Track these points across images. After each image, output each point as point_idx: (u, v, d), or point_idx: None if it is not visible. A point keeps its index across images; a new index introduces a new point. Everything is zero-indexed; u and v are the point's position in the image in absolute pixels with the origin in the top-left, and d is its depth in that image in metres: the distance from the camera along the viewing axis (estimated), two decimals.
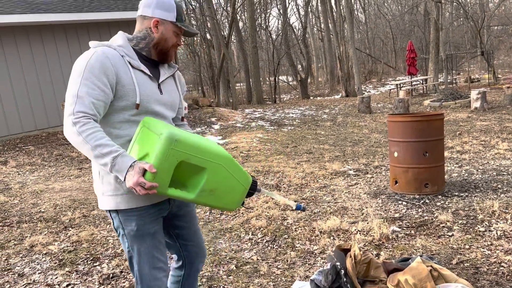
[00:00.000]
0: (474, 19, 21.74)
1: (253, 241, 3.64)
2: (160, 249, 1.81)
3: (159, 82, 1.80)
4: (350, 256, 2.53)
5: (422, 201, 4.32)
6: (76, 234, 4.05)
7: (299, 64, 35.72)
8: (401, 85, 18.35)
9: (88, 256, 3.53)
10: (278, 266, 3.14)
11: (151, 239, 1.77)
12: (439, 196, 4.43)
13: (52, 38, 10.42)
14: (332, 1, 23.75)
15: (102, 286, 3.01)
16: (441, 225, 3.65)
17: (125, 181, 1.52)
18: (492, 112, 10.78)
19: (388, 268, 2.57)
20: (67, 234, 4.10)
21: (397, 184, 4.65)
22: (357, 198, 4.62)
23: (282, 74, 35.31)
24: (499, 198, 4.20)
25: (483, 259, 2.98)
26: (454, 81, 19.57)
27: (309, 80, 31.62)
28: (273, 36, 30.15)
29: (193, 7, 26.61)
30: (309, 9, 32.46)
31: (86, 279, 3.14)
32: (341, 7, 23.56)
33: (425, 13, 26.02)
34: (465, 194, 4.44)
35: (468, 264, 2.94)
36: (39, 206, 5.09)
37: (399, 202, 4.35)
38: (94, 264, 3.37)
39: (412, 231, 3.58)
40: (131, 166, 1.50)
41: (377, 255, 3.17)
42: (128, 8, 11.13)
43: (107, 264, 3.35)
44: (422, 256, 2.63)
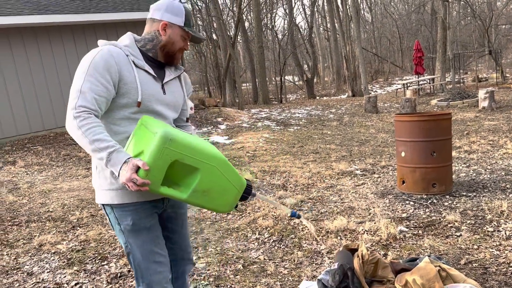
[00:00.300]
0: (482, 18, 21.58)
1: (260, 241, 3.65)
2: (159, 243, 1.82)
3: (163, 83, 1.83)
4: (358, 256, 2.53)
5: (430, 201, 4.30)
6: (84, 234, 4.07)
7: (305, 64, 35.67)
8: (408, 85, 18.26)
9: (96, 255, 3.55)
10: (285, 266, 3.14)
11: (148, 233, 1.78)
12: (447, 196, 4.40)
13: (60, 39, 10.49)
14: (338, 1, 23.69)
15: (110, 285, 3.03)
16: (449, 225, 3.63)
17: (119, 177, 1.55)
18: (500, 112, 10.69)
19: (396, 268, 2.56)
20: (75, 234, 4.12)
21: (404, 184, 4.63)
22: (364, 198, 4.61)
23: (288, 74, 35.28)
24: (508, 198, 4.17)
25: (492, 260, 2.96)
26: (462, 81, 19.45)
27: (315, 80, 31.56)
28: (279, 36, 30.15)
29: (199, 8, 26.68)
30: (315, 9, 32.42)
31: (94, 278, 3.16)
32: (348, 7, 23.50)
33: (432, 12, 25.87)
34: (473, 194, 4.41)
35: (477, 265, 2.92)
36: (47, 206, 5.13)
37: (407, 202, 4.34)
38: (102, 263, 3.40)
39: (420, 231, 3.57)
40: (125, 162, 1.54)
41: (385, 255, 3.16)
42: (135, 9, 11.18)
43: (115, 263, 3.37)
44: (430, 256, 2.62)
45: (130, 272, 3.18)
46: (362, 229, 3.67)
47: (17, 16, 9.47)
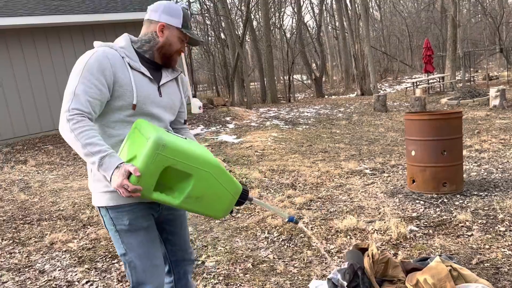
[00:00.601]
0: (493, 16, 21.34)
1: (269, 240, 3.65)
2: (156, 245, 1.79)
3: (159, 85, 1.80)
4: (368, 255, 2.52)
5: (440, 201, 4.26)
6: (95, 232, 4.11)
7: (314, 63, 35.56)
8: (418, 83, 18.13)
9: (107, 254, 3.58)
10: (295, 265, 3.14)
11: (145, 234, 1.75)
12: (458, 196, 4.36)
13: (70, 40, 10.58)
14: None
15: (121, 283, 3.05)
16: (460, 225, 3.60)
17: (111, 182, 1.53)
18: None
19: (407, 268, 2.54)
20: (86, 232, 4.16)
21: (415, 183, 4.60)
22: (374, 197, 4.59)
23: (297, 73, 35.23)
24: None
25: (504, 259, 2.93)
26: (472, 79, 19.25)
27: (324, 79, 31.45)
28: (288, 35, 30.07)
29: (208, 7, 26.74)
30: (324, 7, 32.30)
31: (105, 276, 3.18)
32: (356, 5, 23.39)
33: (442, 10, 25.62)
34: (485, 194, 4.36)
35: (489, 264, 2.89)
36: (58, 205, 5.18)
37: (417, 202, 4.30)
38: (113, 262, 3.42)
39: (430, 231, 3.54)
40: (117, 167, 1.51)
41: (395, 255, 3.14)
42: (144, 9, 11.14)
43: None
44: (441, 256, 2.60)
45: None
46: (372, 229, 3.65)
47: (28, 17, 9.56)
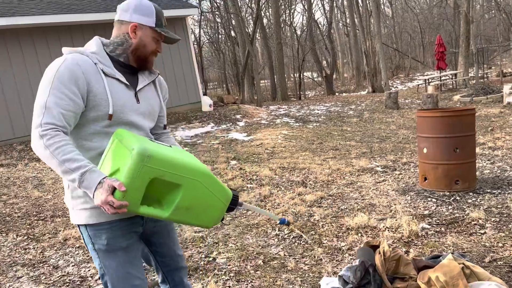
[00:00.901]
0: (507, 11, 21.00)
1: (280, 237, 3.65)
2: (136, 265, 1.69)
3: (136, 90, 1.70)
4: (379, 253, 2.51)
5: (453, 198, 4.22)
6: None
7: (324, 60, 35.38)
8: (430, 80, 17.93)
9: None
10: (306, 262, 3.14)
11: (124, 254, 1.65)
12: (470, 193, 4.32)
13: (82, 38, 10.69)
14: None
15: None
16: (473, 223, 3.56)
17: (94, 199, 1.43)
18: None
19: (418, 265, 2.53)
20: None
21: (427, 181, 4.57)
22: (385, 195, 4.56)
23: (307, 71, 35.08)
24: None
25: None
26: (486, 76, 18.99)
27: (335, 76, 31.28)
28: (298, 32, 29.98)
29: (218, 5, 26.76)
30: (335, 4, 32.10)
31: None
32: (368, 2, 23.20)
33: (455, 6, 25.29)
34: (498, 191, 4.31)
35: (502, 263, 2.86)
36: None
37: (429, 199, 4.27)
38: None
39: (443, 229, 3.51)
40: (100, 183, 1.41)
41: (406, 253, 3.13)
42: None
43: None
44: (454, 254, 2.58)
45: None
46: (383, 226, 3.63)
47: (41, 16, 9.68)
